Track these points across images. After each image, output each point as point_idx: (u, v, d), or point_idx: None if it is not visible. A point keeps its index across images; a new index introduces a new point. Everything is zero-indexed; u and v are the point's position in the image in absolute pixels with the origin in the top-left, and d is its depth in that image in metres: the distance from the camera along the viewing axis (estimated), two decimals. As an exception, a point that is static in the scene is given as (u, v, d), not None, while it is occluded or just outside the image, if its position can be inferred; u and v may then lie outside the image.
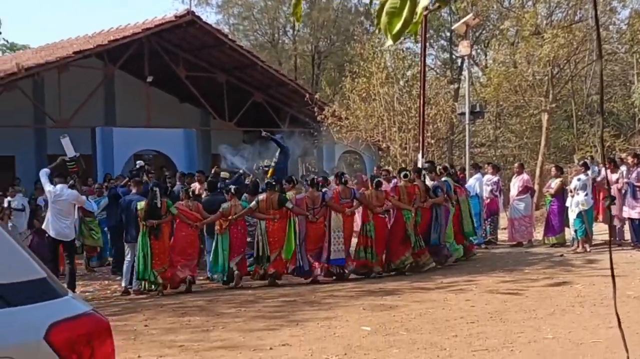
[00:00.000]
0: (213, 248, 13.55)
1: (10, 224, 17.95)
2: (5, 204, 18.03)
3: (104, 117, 25.33)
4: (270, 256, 13.34)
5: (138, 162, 17.18)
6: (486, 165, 19.57)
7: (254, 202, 13.43)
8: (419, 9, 2.62)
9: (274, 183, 13.99)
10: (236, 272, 13.33)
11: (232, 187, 13.96)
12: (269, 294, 12.53)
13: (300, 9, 2.82)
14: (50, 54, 22.96)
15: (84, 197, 14.27)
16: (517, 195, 17.64)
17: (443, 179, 15.24)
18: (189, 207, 13.33)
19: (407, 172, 14.87)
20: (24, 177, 21.71)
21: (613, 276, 3.48)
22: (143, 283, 13.09)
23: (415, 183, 14.48)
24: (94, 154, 22.83)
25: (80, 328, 3.42)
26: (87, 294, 13.26)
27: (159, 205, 12.97)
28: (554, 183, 17.22)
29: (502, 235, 18.52)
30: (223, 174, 18.24)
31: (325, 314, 10.41)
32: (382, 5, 2.67)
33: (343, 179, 14.31)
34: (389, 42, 2.73)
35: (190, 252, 13.25)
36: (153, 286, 13.01)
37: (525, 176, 18.10)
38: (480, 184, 17.69)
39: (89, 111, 22.57)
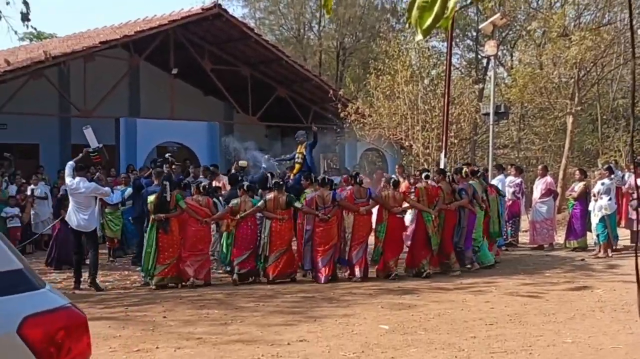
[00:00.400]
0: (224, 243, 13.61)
1: (32, 211, 18.13)
2: (29, 192, 18.18)
3: (128, 107, 25.42)
4: (269, 256, 13.12)
5: (167, 154, 17.19)
6: (509, 167, 19.47)
7: (262, 201, 13.28)
8: (450, 4, 2.59)
9: (281, 183, 13.79)
10: (236, 271, 13.12)
11: (245, 183, 13.78)
12: (287, 289, 12.52)
13: (331, 2, 2.79)
14: (77, 44, 23.04)
15: (106, 188, 14.19)
16: (540, 198, 17.54)
17: (471, 181, 14.87)
18: (198, 202, 13.15)
19: (429, 173, 14.77)
20: (47, 166, 21.87)
21: (639, 282, 3.43)
22: (148, 276, 13.03)
23: (438, 184, 14.22)
24: (118, 145, 22.91)
25: (56, 322, 3.31)
26: (107, 284, 13.32)
27: (168, 199, 12.87)
28: (577, 187, 17.10)
29: (523, 238, 18.42)
30: (241, 163, 18.20)
31: (344, 311, 10.40)
32: (414, 0, 2.64)
33: (358, 179, 13.99)
34: (419, 36, 2.70)
35: (201, 248, 13.09)
36: (152, 282, 12.86)
37: (548, 179, 18.00)
38: (502, 185, 17.56)
39: (113, 101, 22.66)
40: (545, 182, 17.74)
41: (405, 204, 13.90)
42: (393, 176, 16.08)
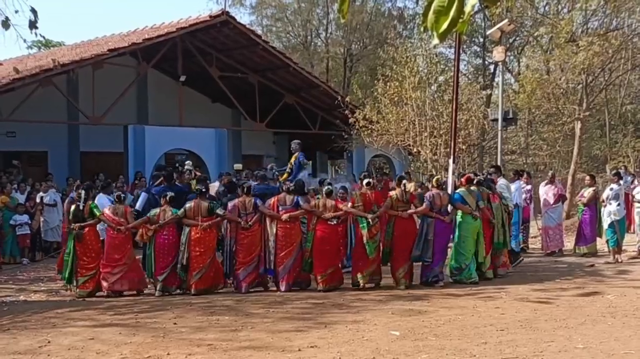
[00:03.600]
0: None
1: (42, 219, 18.18)
2: (38, 199, 18.23)
3: (136, 115, 25.49)
4: (193, 269, 12.61)
5: (187, 162, 17.19)
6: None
7: (182, 209, 12.85)
8: (467, 9, 2.59)
9: (203, 190, 13.55)
10: (159, 286, 12.77)
11: (169, 194, 13.32)
12: (297, 296, 12.51)
13: (347, 7, 2.80)
14: (85, 51, 23.13)
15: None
16: (553, 204, 17.49)
17: (460, 189, 13.86)
18: (115, 211, 12.95)
19: (370, 180, 13.92)
20: (56, 173, 21.93)
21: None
22: (69, 285, 13.01)
23: (376, 190, 13.70)
24: (126, 152, 22.96)
25: None
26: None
27: (81, 208, 12.85)
28: (587, 192, 17.07)
29: (533, 244, 18.41)
30: (236, 166, 18.21)
31: (354, 317, 10.38)
32: (430, 4, 2.65)
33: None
34: (436, 40, 2.71)
35: (117, 258, 12.76)
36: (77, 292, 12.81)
37: (558, 185, 17.96)
38: (519, 192, 17.53)
39: (121, 108, 22.73)
40: (556, 188, 17.71)
41: (339, 212, 13.07)
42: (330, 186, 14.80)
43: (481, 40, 33.75)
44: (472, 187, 13.85)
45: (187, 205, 12.93)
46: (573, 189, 24.65)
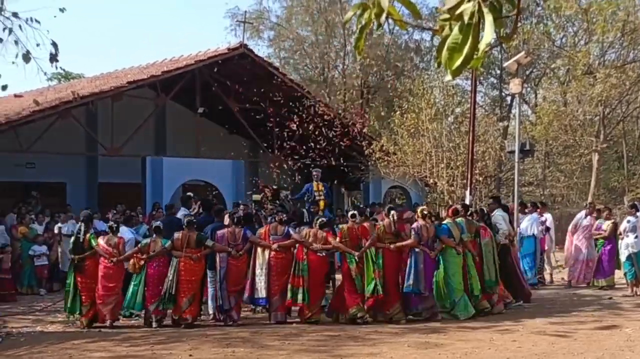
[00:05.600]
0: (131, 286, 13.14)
1: (60, 249, 18.25)
2: (56, 230, 18.31)
3: (154, 146, 25.60)
4: (179, 298, 12.65)
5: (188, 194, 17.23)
6: (531, 204, 19.41)
7: (169, 242, 12.94)
8: (481, 46, 2.61)
9: (194, 221, 13.54)
10: (153, 317, 12.84)
11: (159, 223, 13.75)
12: (313, 328, 12.47)
13: (362, 44, 2.83)
14: (105, 84, 23.31)
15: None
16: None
17: (446, 221, 13.69)
18: (109, 241, 13.09)
19: (354, 213, 13.87)
20: (74, 204, 22.00)
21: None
22: (71, 316, 13.24)
23: (364, 224, 13.32)
24: (144, 183, 23.04)
25: None
26: (132, 321, 13.34)
27: (81, 239, 13.11)
28: (605, 225, 16.96)
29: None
30: (255, 197, 18.25)
31: (370, 350, 10.34)
32: (444, 40, 2.67)
33: (277, 218, 13.50)
34: (448, 77, 2.73)
35: (112, 286, 12.94)
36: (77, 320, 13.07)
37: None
38: (536, 224, 17.45)
39: (139, 140, 22.86)
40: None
41: (328, 245, 13.11)
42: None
43: (498, 72, 33.85)
44: (459, 219, 13.60)
45: (175, 235, 13.01)
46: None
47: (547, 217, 18.61)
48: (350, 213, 13.96)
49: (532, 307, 14.41)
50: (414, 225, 13.25)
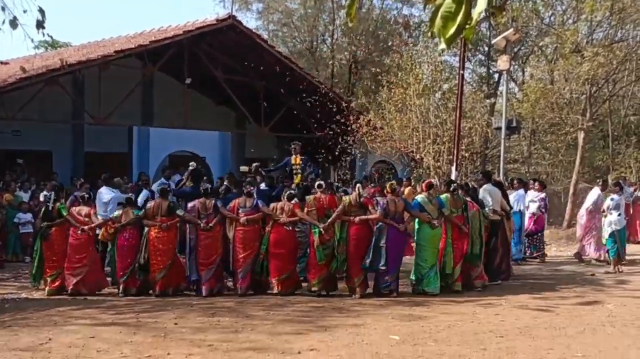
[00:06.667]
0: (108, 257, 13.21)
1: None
2: (42, 198, 18.23)
3: (141, 116, 25.48)
4: (154, 269, 12.66)
5: (191, 163, 17.19)
6: (532, 181, 19.45)
7: (142, 211, 13.08)
8: (474, 14, 2.61)
9: (167, 189, 13.74)
10: (121, 288, 12.86)
11: (131, 195, 14.14)
12: (297, 299, 12.53)
13: (354, 10, 2.82)
14: (92, 52, 23.14)
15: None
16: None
17: (420, 196, 13.53)
18: (79, 212, 13.17)
19: (321, 183, 13.72)
20: (60, 172, 21.96)
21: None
22: (36, 284, 13.35)
23: (332, 195, 13.39)
24: (130, 153, 22.99)
25: None
26: (115, 290, 13.34)
27: (50, 208, 13.24)
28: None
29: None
30: (242, 169, 18.20)
31: (354, 321, 10.39)
32: (437, 9, 2.67)
33: (246, 190, 13.33)
34: (443, 45, 2.73)
35: (78, 259, 12.97)
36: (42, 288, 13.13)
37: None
38: (521, 200, 17.52)
39: (126, 109, 22.70)
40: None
41: (294, 217, 12.97)
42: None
43: (486, 49, 33.76)
44: (443, 196, 13.45)
45: (148, 205, 13.13)
46: (575, 198, 24.68)
47: (544, 196, 18.62)
48: (317, 183, 13.77)
49: (515, 282, 14.48)
50: (381, 200, 13.08)
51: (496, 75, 33.54)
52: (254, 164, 17.15)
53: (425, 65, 23.78)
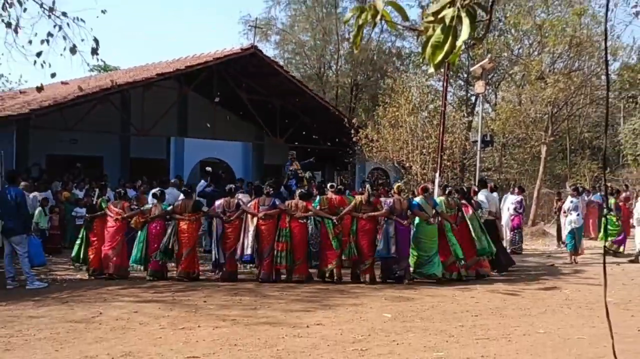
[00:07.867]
0: (136, 244, 13.14)
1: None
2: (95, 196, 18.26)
3: (177, 129, 25.46)
4: (182, 252, 12.70)
5: (207, 168, 17.13)
6: (512, 186, 19.40)
7: (171, 206, 13.26)
8: (459, 43, 2.63)
9: (189, 191, 13.89)
10: (149, 271, 12.88)
11: (157, 190, 14.18)
12: (306, 283, 12.49)
13: (359, 40, 2.82)
14: (137, 75, 23.17)
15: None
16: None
17: (438, 199, 13.42)
18: (115, 206, 13.29)
19: (333, 184, 13.99)
20: (110, 175, 21.99)
21: (605, 284, 3.46)
22: (76, 263, 13.48)
23: (342, 196, 13.29)
24: (168, 159, 22.99)
25: None
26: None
27: (94, 202, 13.90)
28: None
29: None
30: (207, 169, 18.18)
31: (353, 301, 10.39)
32: (428, 40, 2.68)
33: (266, 191, 13.19)
34: (431, 69, 2.74)
35: (117, 239, 13.05)
36: (83, 268, 13.30)
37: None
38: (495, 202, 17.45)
39: (165, 123, 22.71)
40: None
41: (309, 212, 12.81)
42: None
43: (465, 75, 33.70)
44: (439, 199, 13.40)
45: (177, 203, 13.32)
46: (538, 201, 24.64)
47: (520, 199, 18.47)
48: (329, 184, 13.90)
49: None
50: (388, 199, 13.18)
51: (473, 98, 33.50)
52: (207, 168, 17.58)
53: (414, 88, 23.74)
